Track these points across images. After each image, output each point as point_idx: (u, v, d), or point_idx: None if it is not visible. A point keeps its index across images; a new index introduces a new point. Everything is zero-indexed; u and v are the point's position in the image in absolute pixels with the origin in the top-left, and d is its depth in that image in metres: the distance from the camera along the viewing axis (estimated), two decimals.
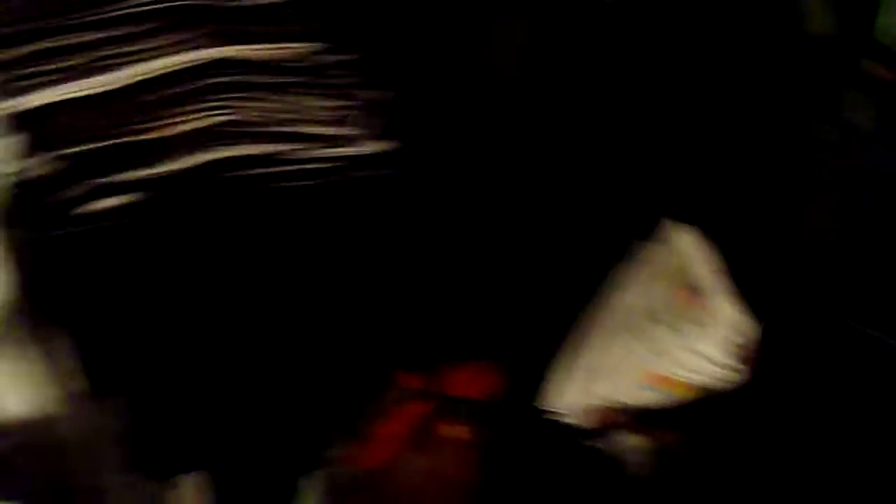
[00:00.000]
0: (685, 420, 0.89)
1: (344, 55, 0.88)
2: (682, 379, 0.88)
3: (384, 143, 0.91)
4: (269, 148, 0.90)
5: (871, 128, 0.91)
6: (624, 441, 0.91)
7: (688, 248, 0.93)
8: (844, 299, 0.93)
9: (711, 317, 0.89)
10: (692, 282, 0.92)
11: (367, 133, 0.91)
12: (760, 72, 0.94)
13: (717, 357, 0.88)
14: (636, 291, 0.93)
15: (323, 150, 0.90)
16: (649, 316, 0.91)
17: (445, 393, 0.97)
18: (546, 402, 0.92)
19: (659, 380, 0.89)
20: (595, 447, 0.91)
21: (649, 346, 0.90)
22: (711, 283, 0.91)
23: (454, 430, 0.96)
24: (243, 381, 0.94)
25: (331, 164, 0.91)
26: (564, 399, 0.91)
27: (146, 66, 0.85)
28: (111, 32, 0.84)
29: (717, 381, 0.88)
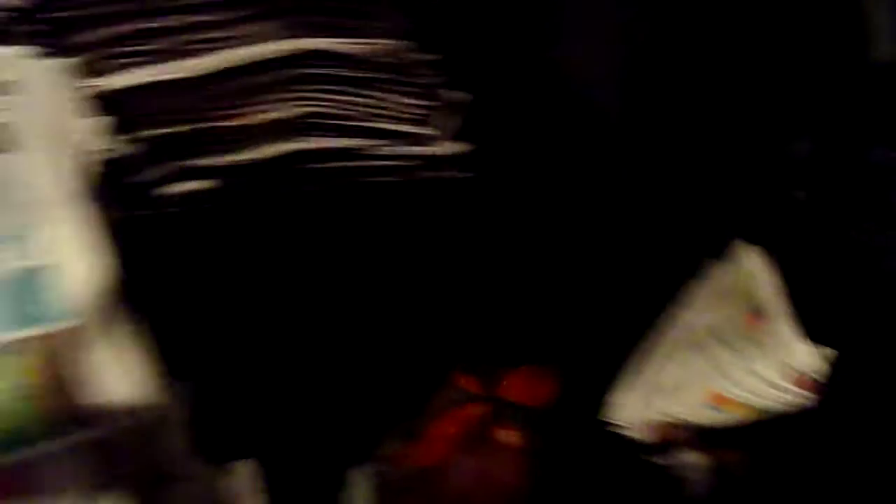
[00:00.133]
0: (746, 441, 0.89)
1: (428, 55, 0.87)
2: (742, 400, 0.88)
3: (461, 145, 0.91)
4: (350, 142, 0.90)
5: None
6: (683, 458, 0.92)
7: (755, 270, 0.93)
8: None
9: (772, 340, 0.89)
10: (757, 304, 0.91)
11: (446, 134, 0.91)
12: (828, 96, 0.94)
13: (775, 381, 0.88)
14: (703, 310, 0.93)
15: (403, 148, 0.91)
16: (714, 335, 0.91)
17: (501, 397, 0.98)
18: (608, 414, 0.92)
19: (720, 399, 0.89)
20: (654, 462, 0.92)
21: (713, 365, 0.90)
22: (775, 306, 0.91)
23: (508, 435, 0.97)
24: (305, 372, 0.94)
25: (409, 162, 0.91)
26: (626, 412, 0.91)
27: (233, 54, 0.85)
28: (199, 18, 0.83)
29: (777, 404, 0.88)
